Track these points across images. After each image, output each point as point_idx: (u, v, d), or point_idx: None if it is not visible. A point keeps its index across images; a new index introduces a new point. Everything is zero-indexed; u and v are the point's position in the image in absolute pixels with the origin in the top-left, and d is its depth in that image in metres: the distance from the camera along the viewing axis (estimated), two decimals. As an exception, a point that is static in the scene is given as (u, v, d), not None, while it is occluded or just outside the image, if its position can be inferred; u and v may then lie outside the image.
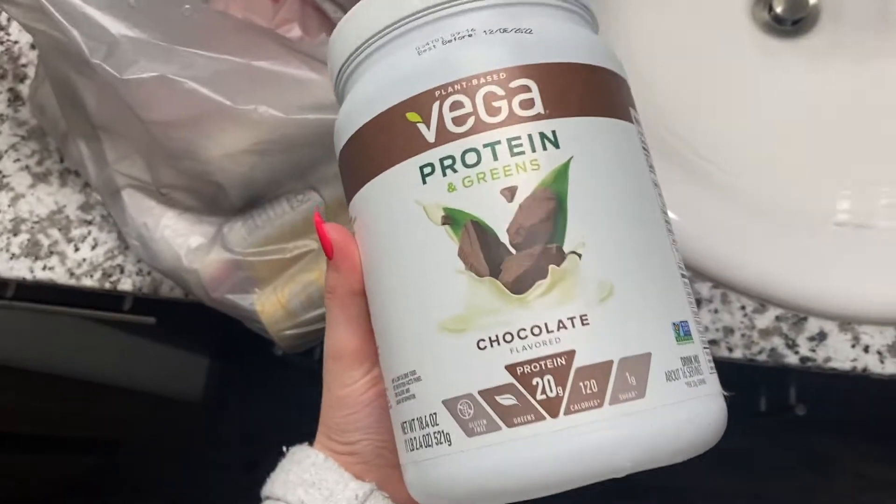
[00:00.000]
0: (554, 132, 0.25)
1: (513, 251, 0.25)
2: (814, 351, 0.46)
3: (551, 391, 0.23)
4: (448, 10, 0.27)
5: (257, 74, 0.44)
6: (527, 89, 0.26)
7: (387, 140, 0.26)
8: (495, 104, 0.25)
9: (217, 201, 0.48)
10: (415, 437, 0.26)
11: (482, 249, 0.25)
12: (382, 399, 0.31)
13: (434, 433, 0.25)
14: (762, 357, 0.46)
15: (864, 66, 0.60)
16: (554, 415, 0.23)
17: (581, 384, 0.23)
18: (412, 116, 0.26)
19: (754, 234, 0.49)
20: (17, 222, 0.55)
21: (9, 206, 0.55)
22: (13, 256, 0.54)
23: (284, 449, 0.33)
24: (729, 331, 0.47)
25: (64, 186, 0.55)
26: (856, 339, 0.46)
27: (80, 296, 0.60)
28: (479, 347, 0.24)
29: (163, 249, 0.48)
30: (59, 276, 0.53)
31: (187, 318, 0.77)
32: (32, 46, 0.59)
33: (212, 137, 0.44)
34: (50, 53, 0.47)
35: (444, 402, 0.25)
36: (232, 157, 0.45)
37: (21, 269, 0.54)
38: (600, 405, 0.23)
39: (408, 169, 0.26)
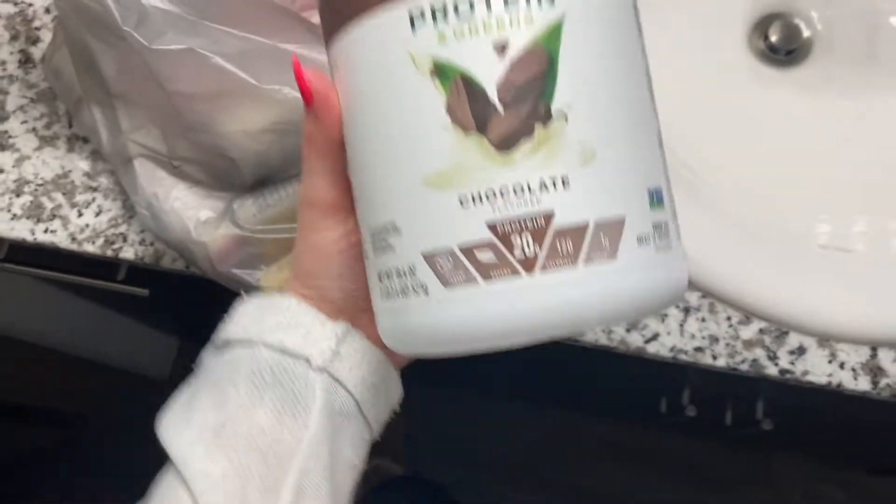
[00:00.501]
0: None
1: (500, 109, 0.24)
2: (793, 364, 0.48)
3: (529, 249, 0.24)
4: None
5: (283, 56, 0.45)
6: None
7: None
8: None
9: (229, 177, 0.49)
10: (391, 287, 0.27)
11: (470, 105, 0.25)
12: (355, 249, 0.31)
13: (412, 284, 0.26)
14: (744, 367, 0.48)
15: (851, 100, 0.63)
16: (530, 272, 0.24)
17: (557, 244, 0.24)
18: None
19: (743, 251, 0.52)
20: (20, 183, 0.55)
21: (13, 166, 0.55)
22: (14, 217, 0.54)
23: (242, 292, 0.33)
24: (714, 339, 0.49)
25: (71, 152, 0.56)
26: (833, 355, 0.48)
27: (71, 262, 0.60)
28: (462, 203, 0.25)
29: (172, 220, 0.48)
30: (60, 239, 0.54)
31: (175, 296, 0.77)
32: (47, 10, 0.59)
33: (232, 113, 0.45)
34: (71, 19, 0.48)
35: (424, 255, 0.26)
36: (250, 135, 0.46)
37: (22, 231, 0.54)
38: (574, 264, 0.24)
39: (397, 13, 0.25)
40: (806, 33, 0.65)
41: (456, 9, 0.25)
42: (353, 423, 0.31)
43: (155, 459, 0.33)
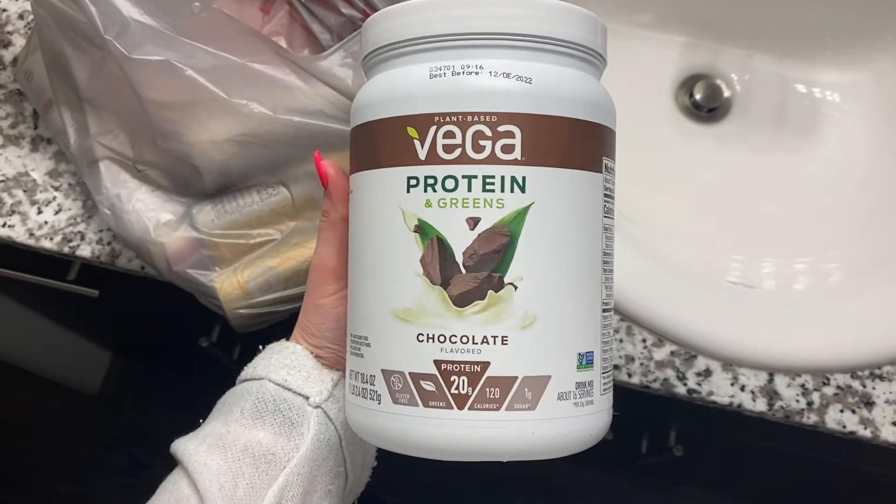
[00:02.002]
0: (524, 178, 0.30)
1: (463, 271, 0.30)
2: (699, 385, 0.53)
3: (463, 389, 0.30)
4: (464, 42, 0.31)
5: (252, 74, 0.48)
6: (511, 135, 0.30)
7: (388, 142, 0.31)
8: (481, 142, 0.30)
9: (191, 184, 0.52)
10: (356, 386, 0.33)
11: (440, 263, 0.30)
12: None
13: (370, 390, 0.32)
14: (656, 385, 0.53)
15: (763, 156, 0.70)
16: (461, 407, 0.30)
17: (487, 389, 0.30)
18: (412, 132, 0.31)
19: (662, 283, 0.57)
20: (-19, 179, 0.57)
21: (-25, 162, 0.57)
22: (-28, 210, 0.56)
23: (261, 347, 0.39)
24: (630, 359, 0.54)
25: (35, 151, 0.58)
26: (735, 378, 0.54)
27: (21, 261, 0.61)
28: (418, 339, 0.30)
29: (133, 220, 0.51)
30: (18, 234, 0.56)
31: (124, 299, 0.78)
32: (20, 16, 0.61)
33: (200, 123, 0.48)
34: (48, 26, 0.51)
35: (383, 371, 0.31)
36: (215, 144, 0.49)
37: (-21, 224, 0.56)
38: (498, 409, 0.30)
39: (398, 174, 0.31)
40: (727, 93, 0.72)
41: (443, 183, 0.30)
42: (334, 455, 0.37)
43: (70, 476, 0.36)
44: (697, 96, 0.71)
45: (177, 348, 1.00)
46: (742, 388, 0.53)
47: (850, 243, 0.63)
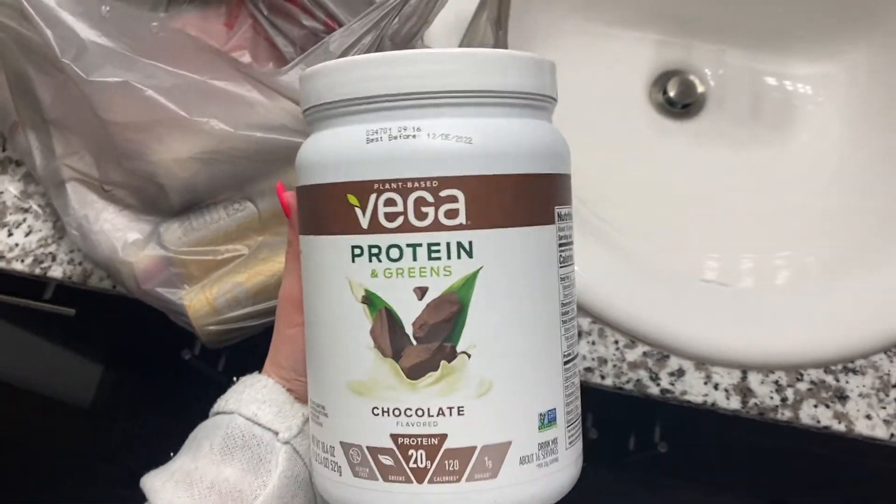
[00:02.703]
0: (470, 243, 0.29)
1: (414, 342, 0.29)
2: (673, 385, 0.53)
3: (421, 462, 0.29)
4: (401, 103, 0.29)
5: (212, 91, 0.48)
6: (454, 199, 0.29)
7: (330, 209, 0.30)
8: (423, 209, 0.29)
9: (157, 202, 0.52)
10: (318, 454, 0.33)
11: (390, 334, 0.29)
12: None
13: (331, 460, 0.32)
14: (629, 386, 0.53)
15: (737, 151, 0.70)
16: (420, 481, 0.29)
17: (446, 462, 0.29)
18: (352, 199, 0.29)
19: (634, 283, 0.57)
20: (-49, 203, 0.57)
21: (-55, 186, 0.57)
22: (-56, 235, 0.56)
23: (235, 378, 0.39)
24: (603, 361, 0.54)
25: (3, 174, 0.58)
26: (708, 377, 0.54)
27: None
28: (373, 413, 0.30)
29: (101, 241, 0.51)
30: (-11, 257, 0.56)
31: (101, 316, 0.79)
32: (-14, 39, 0.61)
33: (163, 142, 0.48)
34: (10, 48, 0.51)
35: (342, 443, 0.31)
36: (179, 163, 0.49)
37: (-49, 248, 0.56)
38: (458, 481, 0.29)
39: (342, 243, 0.30)
40: (700, 89, 0.72)
41: (388, 253, 0.29)
42: (304, 491, 0.36)
43: (64, 489, 0.37)
44: (671, 93, 0.71)
45: (162, 361, 1.00)
46: (716, 387, 0.53)
47: (825, 236, 0.63)
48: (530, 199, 0.30)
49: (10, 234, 0.56)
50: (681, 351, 0.54)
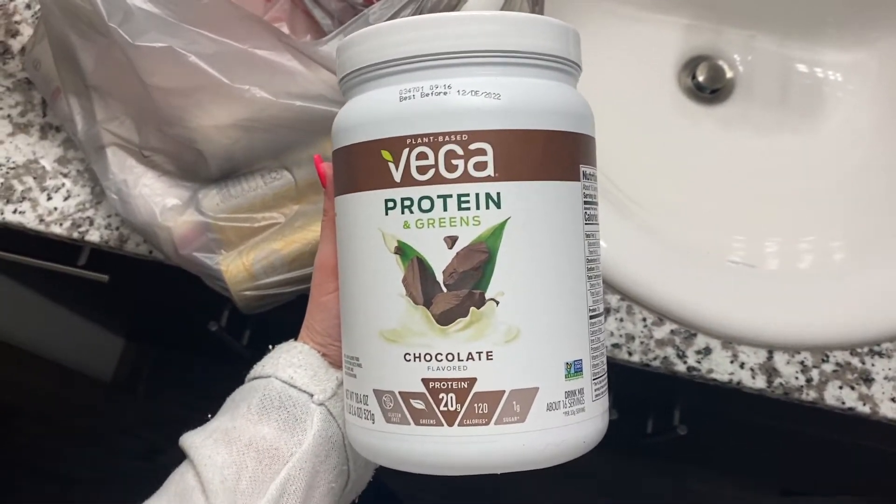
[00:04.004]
0: (499, 194, 0.30)
1: (444, 289, 0.30)
2: (699, 363, 0.54)
3: (452, 406, 0.30)
4: (432, 63, 0.31)
5: (254, 60, 0.49)
6: (483, 152, 0.30)
7: (364, 166, 0.32)
8: (454, 162, 0.30)
9: (196, 168, 0.53)
10: (352, 405, 0.34)
11: (421, 283, 0.31)
12: None
13: (364, 409, 0.33)
14: (656, 363, 0.54)
15: (765, 137, 0.70)
16: (450, 424, 0.30)
17: (475, 405, 0.30)
18: (386, 155, 0.31)
19: (662, 262, 0.57)
20: (-8, 166, 0.58)
21: (-14, 150, 0.58)
22: (-16, 197, 0.57)
23: (270, 347, 0.40)
24: (630, 338, 0.54)
25: (44, 139, 0.59)
26: (734, 356, 0.54)
27: (32, 247, 0.63)
28: (405, 359, 0.31)
29: (139, 205, 0.52)
30: (28, 220, 0.57)
31: (133, 284, 0.79)
32: (28, 6, 0.62)
33: (204, 108, 0.49)
34: (54, 14, 0.51)
35: (374, 391, 0.32)
36: (219, 129, 0.50)
37: (-9, 210, 0.57)
38: (487, 423, 0.30)
39: (376, 198, 0.31)
40: (729, 74, 0.72)
41: (420, 204, 0.30)
42: (337, 452, 0.37)
43: (85, 460, 0.38)
44: (700, 78, 0.71)
45: (187, 332, 1.01)
46: (741, 366, 0.54)
47: (852, 222, 0.63)
48: (556, 154, 0.31)
49: (50, 199, 0.57)
50: (708, 329, 0.55)
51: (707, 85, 0.71)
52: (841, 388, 0.53)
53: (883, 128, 0.67)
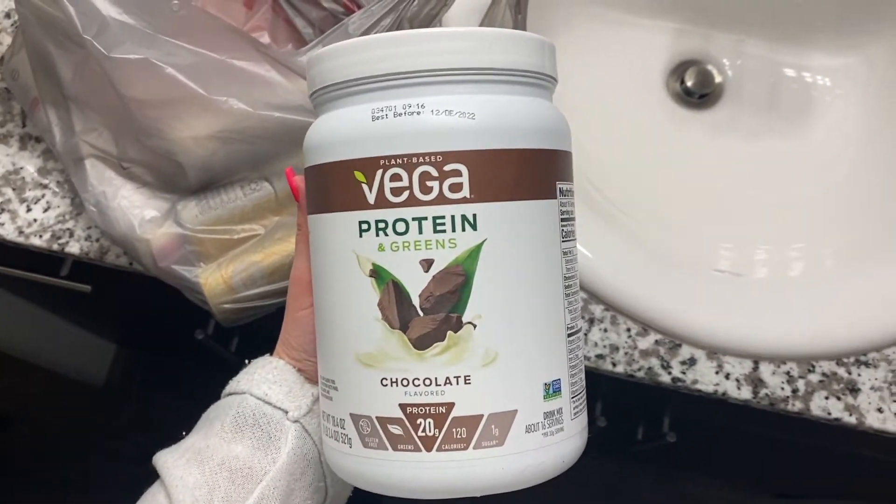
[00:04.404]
0: (475, 215, 0.30)
1: (421, 313, 0.30)
2: (684, 373, 0.53)
3: (430, 431, 0.30)
4: (405, 81, 0.30)
5: (231, 71, 0.48)
6: (458, 173, 0.29)
7: (337, 187, 0.31)
8: (429, 183, 0.29)
9: (175, 180, 0.52)
10: (328, 428, 0.33)
11: (397, 307, 0.30)
12: None
13: (341, 433, 0.32)
14: (640, 374, 0.53)
15: (754, 142, 0.70)
16: (429, 449, 0.30)
17: (454, 430, 0.30)
18: (359, 176, 0.30)
19: (647, 271, 0.57)
20: (-29, 177, 0.57)
21: (-35, 161, 0.58)
22: (-37, 209, 0.57)
23: (247, 361, 0.39)
24: (615, 348, 0.54)
25: (23, 150, 0.59)
26: (720, 366, 0.54)
27: (14, 258, 0.62)
28: (382, 384, 0.31)
29: (118, 217, 0.52)
30: (7, 232, 0.56)
31: (116, 294, 0.79)
32: (7, 15, 0.62)
33: (182, 120, 0.49)
34: (32, 24, 0.51)
35: (351, 415, 0.32)
36: (197, 141, 0.49)
37: (-30, 222, 0.56)
38: (466, 448, 0.30)
39: (349, 219, 0.31)
40: (718, 79, 0.72)
41: (394, 227, 0.30)
42: (312, 469, 0.37)
43: (77, 466, 0.38)
44: (689, 82, 0.71)
45: (175, 340, 1.01)
46: (727, 377, 0.53)
47: (842, 228, 0.63)
48: (532, 173, 0.31)
49: (29, 210, 0.57)
50: (693, 340, 0.54)
51: (696, 90, 0.71)
52: (827, 398, 0.53)
53: (872, 132, 0.67)
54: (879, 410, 0.52)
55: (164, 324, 1.01)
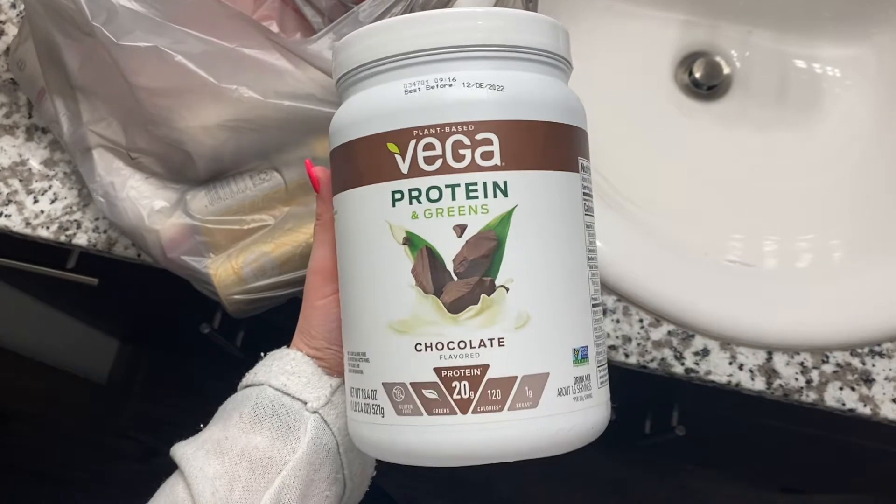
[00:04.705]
0: (506, 182, 0.31)
1: (455, 278, 0.30)
2: (697, 364, 0.53)
3: (465, 393, 0.30)
4: (436, 56, 0.32)
5: (242, 59, 0.48)
6: (489, 142, 0.31)
7: (370, 160, 0.32)
8: (461, 151, 0.31)
9: (184, 170, 0.52)
10: (358, 402, 0.33)
11: (431, 272, 0.31)
12: None
13: (372, 405, 0.32)
14: (653, 365, 0.53)
15: (763, 133, 0.69)
16: (464, 412, 0.30)
17: (489, 392, 0.30)
18: (392, 147, 0.31)
19: (659, 262, 0.57)
20: (-23, 169, 0.57)
21: (-29, 152, 0.57)
22: (-31, 201, 0.56)
23: (262, 354, 0.39)
24: (627, 339, 0.54)
25: (30, 141, 0.58)
26: (733, 357, 0.53)
27: (21, 250, 0.62)
28: (416, 349, 0.31)
29: (127, 208, 0.51)
30: (14, 223, 0.56)
31: (123, 287, 0.79)
32: (13, 5, 0.61)
33: (191, 109, 0.48)
34: (39, 14, 0.50)
35: (384, 384, 0.32)
36: (206, 130, 0.49)
37: (-24, 214, 0.56)
38: (501, 409, 0.30)
39: (382, 190, 0.32)
40: (726, 70, 0.71)
41: (428, 194, 0.31)
42: (331, 461, 0.37)
43: (79, 463, 0.37)
44: (697, 74, 0.70)
45: (181, 335, 1.01)
46: (740, 367, 0.53)
47: (852, 219, 0.63)
48: (558, 145, 0.32)
49: (36, 202, 0.56)
50: (706, 330, 0.54)
51: (704, 81, 0.71)
52: (841, 389, 0.53)
53: (882, 123, 0.67)
54: (894, 401, 0.52)
55: (169, 317, 1.01)
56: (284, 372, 0.37)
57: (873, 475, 0.91)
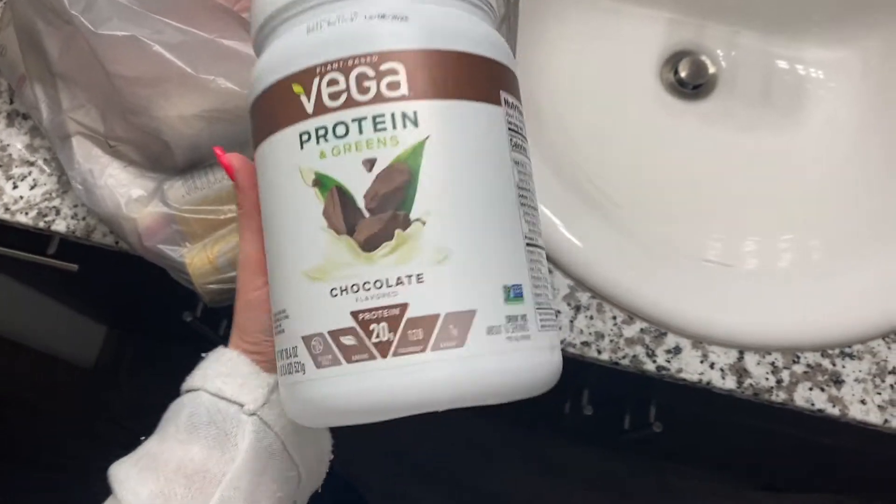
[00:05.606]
0: (415, 112, 0.29)
1: (367, 215, 0.29)
2: (669, 362, 0.53)
3: (384, 336, 0.28)
4: None
5: (220, 50, 0.48)
6: (394, 72, 0.29)
7: (278, 107, 0.31)
8: (366, 84, 0.29)
9: (161, 159, 0.52)
10: (283, 364, 0.31)
11: (342, 211, 0.29)
12: None
13: (294, 363, 0.30)
14: (625, 362, 0.53)
15: (747, 134, 0.69)
16: (384, 355, 0.28)
17: (409, 332, 0.28)
18: (297, 89, 0.30)
19: (635, 260, 0.57)
20: (-42, 153, 0.57)
21: (-48, 137, 0.58)
22: (-51, 185, 0.56)
23: (203, 355, 0.38)
24: (600, 336, 0.54)
25: (10, 127, 0.58)
26: (704, 356, 0.54)
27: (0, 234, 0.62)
28: (332, 295, 0.29)
29: (105, 196, 0.51)
30: (-6, 209, 0.56)
31: (104, 273, 0.79)
32: (-4, -9, 0.61)
33: (169, 99, 0.48)
34: (20, 1, 0.51)
35: (303, 338, 0.30)
36: (184, 120, 0.49)
37: (-44, 198, 0.56)
38: (423, 350, 0.28)
39: (290, 134, 0.30)
40: (711, 70, 0.71)
41: (334, 131, 0.29)
42: (277, 461, 0.35)
43: (65, 449, 0.37)
44: (682, 73, 0.71)
45: (164, 321, 1.01)
46: (711, 366, 0.54)
47: (831, 221, 0.63)
48: (472, 75, 0.31)
49: (16, 187, 0.57)
50: (678, 329, 0.54)
51: (689, 80, 0.71)
52: (811, 389, 0.53)
53: (865, 127, 0.67)
54: (863, 402, 0.53)
55: (152, 305, 1.01)
56: (220, 374, 0.35)
57: (849, 474, 0.92)
